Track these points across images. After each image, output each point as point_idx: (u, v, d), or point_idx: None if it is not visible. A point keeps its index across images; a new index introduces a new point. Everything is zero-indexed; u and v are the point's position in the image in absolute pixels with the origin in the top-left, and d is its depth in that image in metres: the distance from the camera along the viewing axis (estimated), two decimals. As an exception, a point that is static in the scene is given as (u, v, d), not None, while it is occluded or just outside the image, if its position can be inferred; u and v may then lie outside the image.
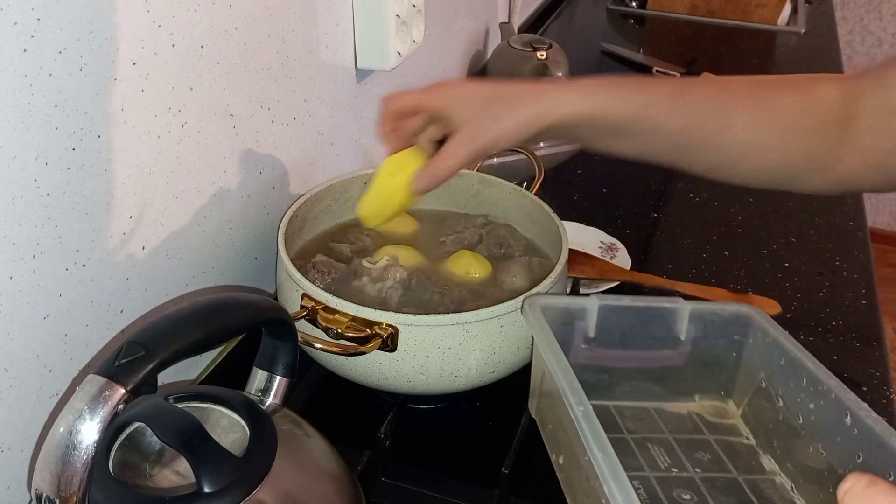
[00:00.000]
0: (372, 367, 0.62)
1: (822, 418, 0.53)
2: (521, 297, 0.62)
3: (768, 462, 0.58)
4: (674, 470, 0.56)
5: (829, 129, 0.57)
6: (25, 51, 0.45)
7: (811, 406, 0.54)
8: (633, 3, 1.87)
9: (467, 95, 0.59)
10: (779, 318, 0.82)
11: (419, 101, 0.61)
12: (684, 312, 0.60)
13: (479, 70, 1.35)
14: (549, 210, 0.75)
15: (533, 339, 0.58)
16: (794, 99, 0.58)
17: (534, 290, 0.63)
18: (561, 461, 0.53)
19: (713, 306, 0.61)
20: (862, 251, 0.97)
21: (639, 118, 0.57)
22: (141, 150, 0.57)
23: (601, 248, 0.93)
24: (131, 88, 0.55)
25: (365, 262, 0.70)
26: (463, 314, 0.60)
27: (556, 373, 0.50)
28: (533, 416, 0.61)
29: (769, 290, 0.88)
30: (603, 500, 0.42)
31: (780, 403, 0.57)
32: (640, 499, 0.50)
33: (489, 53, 1.35)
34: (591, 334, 0.60)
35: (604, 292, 0.85)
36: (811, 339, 0.82)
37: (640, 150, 0.60)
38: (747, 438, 0.60)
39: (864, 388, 0.76)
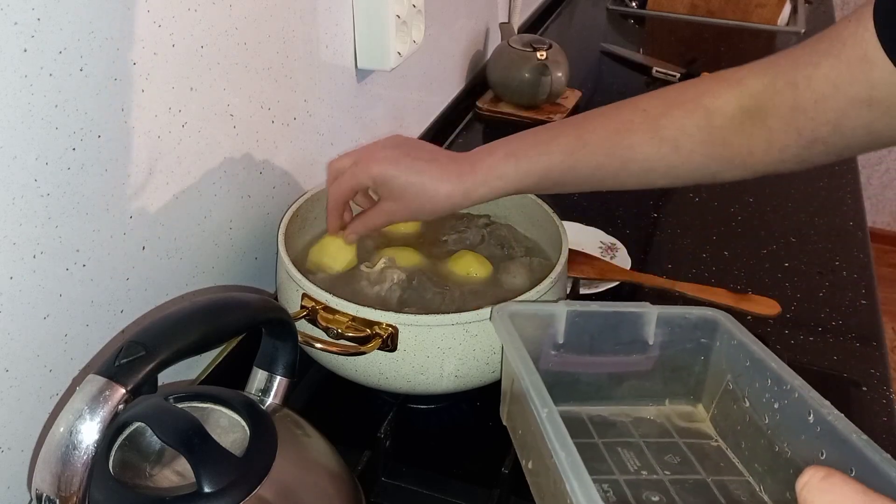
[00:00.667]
0: (372, 367, 0.62)
1: (787, 417, 0.53)
2: (521, 298, 0.62)
3: (736, 463, 0.58)
4: (643, 473, 0.56)
5: (731, 136, 0.58)
6: (25, 51, 0.45)
7: (776, 406, 0.54)
8: (633, 3, 1.86)
9: (391, 177, 0.64)
10: (779, 318, 0.83)
11: (356, 185, 0.67)
12: (652, 317, 0.60)
13: (479, 70, 1.35)
14: (549, 210, 0.75)
15: (502, 346, 0.58)
16: (686, 120, 0.59)
17: (534, 291, 0.63)
18: (530, 466, 0.53)
19: (680, 310, 0.62)
20: (862, 251, 0.97)
21: (544, 183, 0.64)
22: (141, 150, 0.57)
23: (601, 248, 0.93)
24: (131, 88, 0.55)
25: (363, 267, 0.70)
26: (463, 314, 0.60)
27: (523, 377, 0.50)
28: (504, 423, 0.61)
29: (769, 290, 0.88)
30: (569, 501, 0.42)
31: (747, 405, 0.58)
32: (608, 501, 0.50)
33: (489, 53, 1.35)
34: (560, 340, 0.60)
35: (603, 292, 0.85)
36: (811, 339, 0.82)
37: (561, 192, 0.66)
38: (716, 441, 0.61)
39: (864, 388, 0.76)
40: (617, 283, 0.86)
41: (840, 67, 0.51)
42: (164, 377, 0.52)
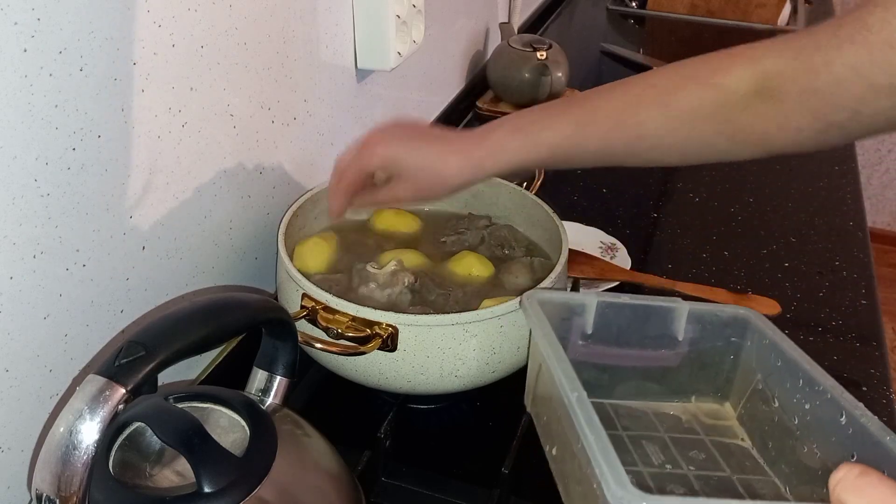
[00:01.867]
0: (372, 367, 0.62)
1: (818, 418, 0.53)
2: (521, 298, 0.62)
3: (762, 464, 0.58)
4: (667, 466, 0.56)
5: (743, 115, 0.57)
6: (25, 51, 0.45)
7: (807, 406, 0.54)
8: (633, 3, 1.87)
9: (399, 157, 0.64)
10: (779, 318, 0.83)
11: (364, 167, 0.66)
12: (682, 312, 0.60)
13: (479, 70, 1.35)
14: (549, 210, 0.75)
15: (530, 332, 0.58)
16: (699, 94, 0.58)
17: (533, 291, 0.63)
18: (554, 452, 0.53)
19: (711, 307, 0.61)
20: (862, 251, 0.97)
21: (554, 157, 0.63)
22: (141, 150, 0.57)
23: (601, 248, 0.93)
24: (131, 88, 0.55)
25: (369, 268, 0.69)
26: (463, 314, 0.60)
27: (552, 361, 0.50)
28: (528, 410, 0.61)
29: (769, 290, 0.88)
30: (595, 485, 0.42)
31: (776, 405, 0.57)
32: None
33: (489, 53, 1.35)
34: (589, 331, 0.60)
35: (603, 292, 0.85)
36: (811, 339, 0.82)
37: (573, 167, 0.66)
38: (743, 440, 0.60)
39: (864, 388, 0.76)
40: (617, 283, 0.86)
41: (862, 53, 0.51)
42: (164, 377, 0.52)
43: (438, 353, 0.61)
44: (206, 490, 0.40)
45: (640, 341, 0.61)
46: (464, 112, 1.29)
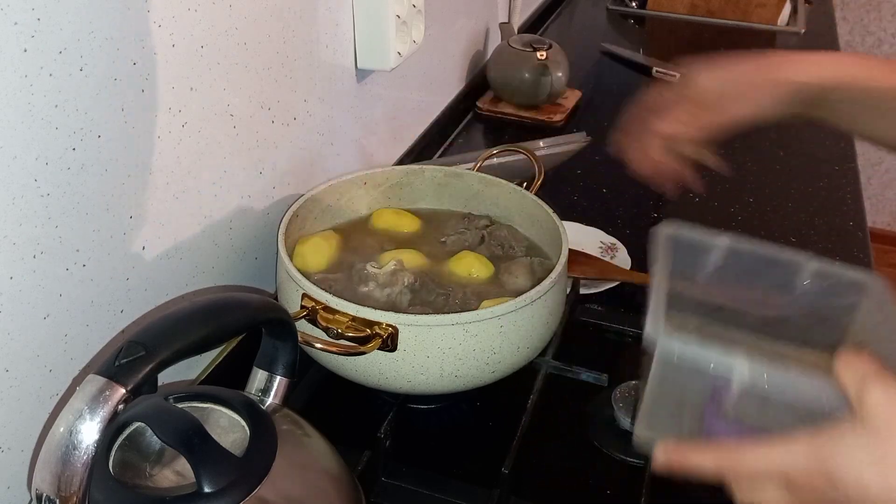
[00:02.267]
0: (372, 367, 0.62)
1: None
2: (520, 298, 0.62)
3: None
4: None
5: None
6: (25, 51, 0.45)
7: None
8: (633, 3, 1.86)
9: (715, 84, 0.68)
10: (779, 318, 0.83)
11: (708, 88, 0.69)
12: (806, 267, 0.62)
13: (479, 70, 1.35)
14: (549, 210, 0.75)
15: (651, 263, 0.60)
16: None
17: (534, 291, 0.63)
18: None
19: (835, 268, 0.62)
20: (862, 251, 0.97)
21: (845, 97, 0.65)
22: (141, 150, 0.57)
23: (601, 248, 0.93)
24: (131, 88, 0.55)
25: (369, 267, 0.70)
26: (463, 314, 0.60)
27: (657, 283, 0.54)
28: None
29: (769, 290, 0.88)
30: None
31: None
32: None
33: (489, 53, 1.35)
34: (712, 270, 0.62)
35: (603, 292, 0.85)
36: (811, 339, 0.82)
37: (886, 132, 0.68)
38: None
39: (864, 388, 0.76)
40: (617, 282, 0.86)
41: None
42: (164, 377, 0.52)
43: (438, 353, 0.61)
44: (206, 490, 0.40)
45: (761, 288, 0.63)
46: (464, 112, 1.29)
